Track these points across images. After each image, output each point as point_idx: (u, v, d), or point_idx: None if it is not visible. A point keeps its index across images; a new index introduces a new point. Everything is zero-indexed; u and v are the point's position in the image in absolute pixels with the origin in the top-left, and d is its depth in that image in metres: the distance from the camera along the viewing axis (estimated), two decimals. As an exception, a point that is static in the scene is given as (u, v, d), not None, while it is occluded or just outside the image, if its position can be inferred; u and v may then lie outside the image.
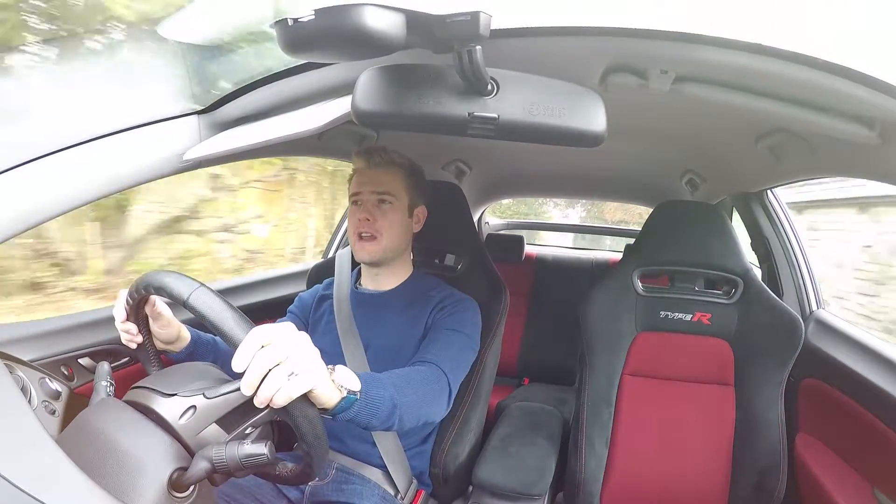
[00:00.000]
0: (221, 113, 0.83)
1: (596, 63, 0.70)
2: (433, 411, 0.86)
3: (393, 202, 1.02)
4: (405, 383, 0.79)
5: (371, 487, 0.97)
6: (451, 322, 0.98)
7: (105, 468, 0.55)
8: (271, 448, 0.59)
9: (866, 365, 1.03)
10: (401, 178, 1.04)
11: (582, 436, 1.19)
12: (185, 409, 0.59)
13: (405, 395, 0.77)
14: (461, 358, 0.95)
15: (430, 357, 0.90)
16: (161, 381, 0.63)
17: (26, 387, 0.67)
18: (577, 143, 0.59)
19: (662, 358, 1.21)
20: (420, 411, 0.81)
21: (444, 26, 0.49)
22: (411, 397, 0.78)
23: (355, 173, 1.05)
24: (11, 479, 0.46)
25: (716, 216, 1.22)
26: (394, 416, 0.74)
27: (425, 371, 0.86)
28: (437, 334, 0.96)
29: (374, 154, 1.04)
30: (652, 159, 1.52)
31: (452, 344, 0.95)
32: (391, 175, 1.03)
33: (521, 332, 2.19)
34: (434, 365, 0.88)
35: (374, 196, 1.01)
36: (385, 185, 1.02)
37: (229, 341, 0.57)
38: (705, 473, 1.16)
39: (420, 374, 0.85)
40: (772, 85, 0.69)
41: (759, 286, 1.19)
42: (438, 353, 0.91)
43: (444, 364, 0.89)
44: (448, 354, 0.92)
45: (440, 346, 0.93)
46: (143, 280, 0.68)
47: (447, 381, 0.88)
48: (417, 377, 0.84)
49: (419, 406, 0.80)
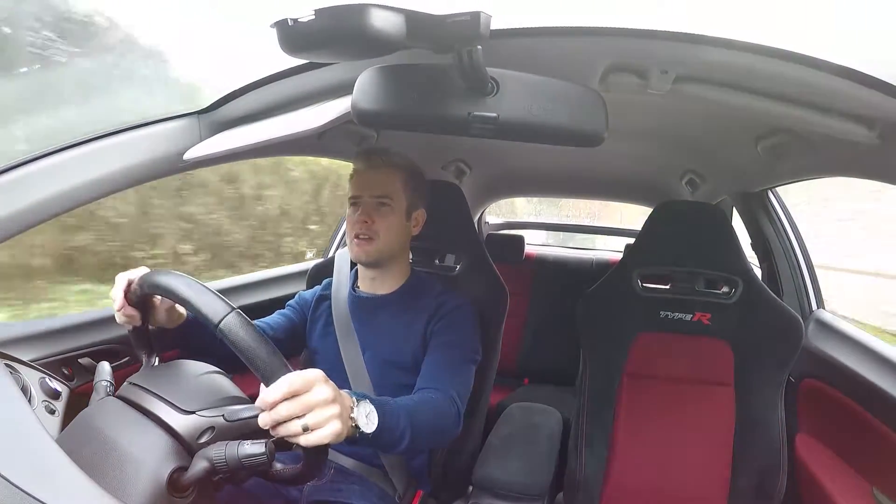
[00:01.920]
0: (221, 113, 0.83)
1: (596, 63, 0.70)
2: (442, 436, 0.90)
3: (391, 205, 1.01)
4: (417, 412, 0.82)
5: (369, 487, 0.97)
6: (452, 336, 0.99)
7: (105, 468, 0.55)
8: (271, 448, 0.59)
9: (866, 365, 1.03)
10: (400, 181, 1.03)
11: (582, 436, 1.19)
12: (205, 429, 0.60)
13: (417, 424, 0.80)
14: (466, 374, 0.98)
15: (438, 383, 0.92)
16: (173, 391, 0.63)
17: (26, 386, 0.67)
18: (577, 142, 0.59)
19: (662, 358, 1.21)
20: (429, 438, 0.87)
21: (444, 26, 0.50)
22: (422, 426, 0.81)
23: (355, 174, 1.05)
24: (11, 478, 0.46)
25: (716, 216, 1.22)
26: (402, 444, 0.77)
27: (434, 399, 0.89)
28: (439, 353, 0.98)
29: (375, 156, 1.03)
30: (652, 159, 1.52)
31: (456, 362, 0.97)
32: (390, 178, 1.02)
33: (521, 333, 2.19)
34: (444, 392, 0.91)
35: (373, 199, 1.01)
36: (384, 188, 1.01)
37: (261, 375, 0.58)
38: (705, 473, 1.16)
39: (429, 403, 0.88)
40: (772, 85, 0.69)
41: (759, 286, 1.19)
42: (445, 377, 0.94)
43: (452, 388, 0.92)
44: (451, 375, 0.95)
45: (444, 367, 0.95)
46: (159, 282, 0.65)
47: (457, 406, 0.92)
48: (427, 406, 0.86)
49: (428, 435, 0.85)
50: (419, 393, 0.91)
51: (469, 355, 1.00)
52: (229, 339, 0.58)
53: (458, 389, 0.93)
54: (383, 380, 1.00)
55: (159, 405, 0.61)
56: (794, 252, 1.40)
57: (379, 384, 1.00)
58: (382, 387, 1.00)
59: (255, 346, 0.58)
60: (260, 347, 0.58)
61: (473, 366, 1.01)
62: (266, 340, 0.59)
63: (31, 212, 0.66)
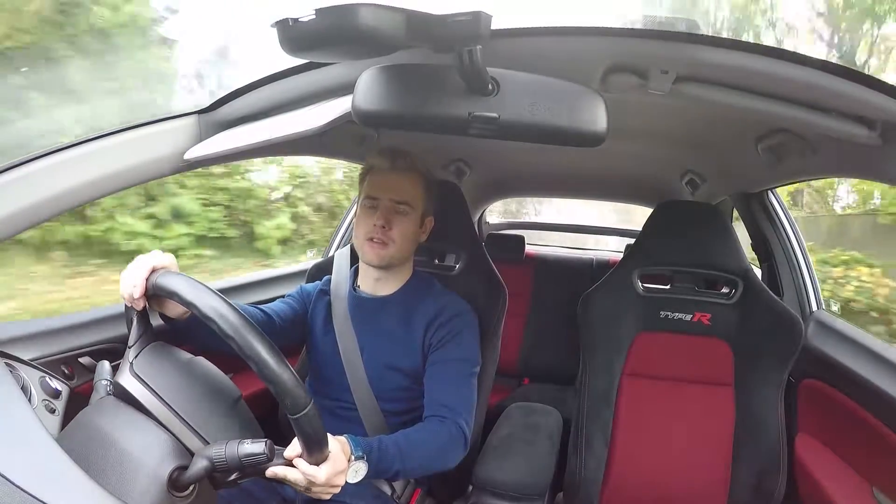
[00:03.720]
0: (221, 113, 0.83)
1: (596, 63, 0.70)
2: (443, 466, 0.92)
3: (409, 212, 0.99)
4: (414, 454, 0.87)
5: (367, 486, 0.97)
6: (452, 350, 0.99)
7: (105, 467, 0.55)
8: (270, 447, 0.59)
9: (866, 365, 1.03)
10: (420, 187, 1.01)
11: (582, 436, 1.19)
12: None
13: (410, 463, 0.85)
14: (470, 391, 1.00)
15: (444, 412, 0.94)
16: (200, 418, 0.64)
17: (26, 386, 0.67)
18: (577, 142, 0.59)
19: (662, 358, 1.21)
20: (426, 469, 0.91)
21: (444, 26, 0.50)
22: (417, 462, 0.87)
23: (373, 173, 1.01)
24: (11, 477, 0.46)
25: (716, 216, 1.22)
26: (396, 478, 0.85)
27: (441, 434, 0.91)
28: (441, 372, 0.98)
29: (399, 158, 1.00)
30: (652, 159, 1.52)
31: (459, 381, 0.98)
32: (412, 183, 1.00)
33: (521, 332, 2.18)
34: (449, 422, 0.92)
35: (393, 203, 0.98)
36: (406, 193, 0.99)
37: (311, 454, 0.66)
38: (705, 474, 1.16)
39: (435, 438, 0.91)
40: (772, 85, 0.69)
41: (759, 286, 1.19)
42: (450, 403, 0.95)
43: (458, 415, 0.94)
44: (458, 398, 0.96)
45: (448, 389, 0.96)
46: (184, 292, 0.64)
47: (464, 433, 0.93)
48: (431, 444, 0.90)
49: (424, 468, 0.90)
50: (427, 423, 0.93)
51: (472, 369, 1.01)
52: (299, 426, 0.62)
53: (465, 414, 0.95)
54: (382, 382, 1.00)
55: (187, 434, 0.63)
56: (794, 252, 1.40)
57: (377, 386, 1.00)
58: (380, 389, 1.00)
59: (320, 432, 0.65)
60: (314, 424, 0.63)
61: (475, 378, 1.02)
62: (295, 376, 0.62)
63: (31, 212, 0.66)
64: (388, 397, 1.00)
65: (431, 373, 0.98)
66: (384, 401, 0.99)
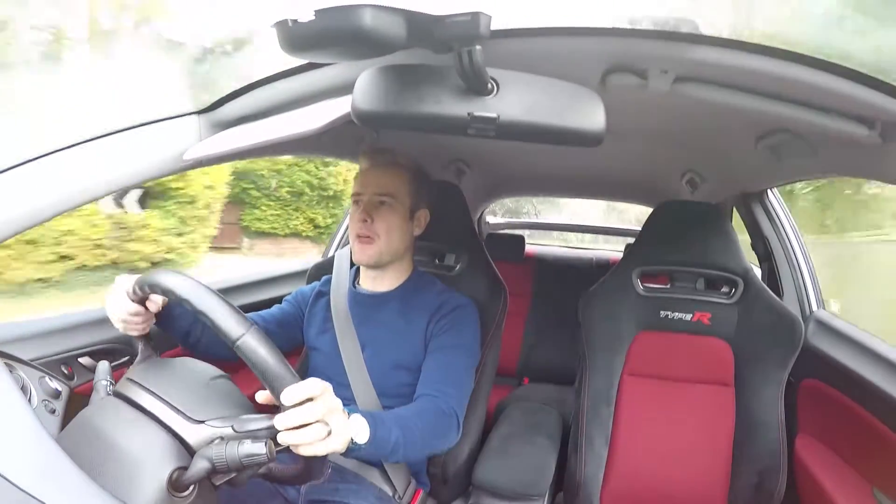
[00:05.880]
0: (221, 113, 0.83)
1: (596, 63, 0.70)
2: (438, 445, 0.91)
3: (392, 204, 1.01)
4: (411, 424, 0.84)
5: (368, 487, 0.97)
6: (453, 339, 0.99)
7: (105, 467, 0.55)
8: (271, 447, 0.59)
9: (866, 365, 1.03)
10: (404, 180, 1.03)
11: (582, 436, 1.19)
12: (213, 438, 0.61)
13: (410, 436, 0.82)
14: (467, 379, 0.99)
15: (436, 391, 0.93)
16: (181, 398, 0.63)
17: (26, 386, 0.67)
18: (576, 142, 0.59)
19: (662, 358, 1.21)
20: (424, 449, 0.89)
21: (444, 26, 0.49)
22: (416, 437, 0.83)
23: (360, 173, 1.05)
24: (11, 478, 0.46)
25: (716, 216, 1.22)
26: (397, 455, 0.79)
27: (433, 409, 0.90)
28: (439, 357, 0.98)
29: (379, 154, 1.03)
30: (652, 159, 1.51)
31: (456, 367, 0.97)
32: (394, 176, 1.02)
33: (522, 332, 2.18)
34: (441, 400, 0.91)
35: (375, 197, 1.01)
36: (386, 186, 1.01)
37: (273, 389, 0.60)
38: (705, 474, 1.16)
39: (427, 412, 0.89)
40: (772, 85, 0.69)
41: (759, 286, 1.19)
42: (444, 384, 0.94)
43: (451, 396, 0.93)
44: (452, 381, 0.95)
45: (445, 373, 0.96)
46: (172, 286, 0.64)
47: (455, 414, 0.92)
48: (424, 417, 0.88)
49: (423, 446, 0.86)
50: (418, 400, 0.92)
51: (470, 360, 1.01)
52: (244, 355, 0.59)
53: (458, 396, 0.94)
54: (384, 378, 1.00)
55: (168, 412, 0.61)
56: (794, 252, 1.39)
57: (379, 382, 1.00)
58: (383, 385, 1.00)
59: (268, 359, 0.60)
60: (272, 358, 0.60)
61: (473, 369, 1.01)
62: (278, 352, 0.61)
63: (30, 211, 0.66)
64: (392, 394, 1.00)
65: (428, 360, 0.99)
66: (387, 398, 0.99)
